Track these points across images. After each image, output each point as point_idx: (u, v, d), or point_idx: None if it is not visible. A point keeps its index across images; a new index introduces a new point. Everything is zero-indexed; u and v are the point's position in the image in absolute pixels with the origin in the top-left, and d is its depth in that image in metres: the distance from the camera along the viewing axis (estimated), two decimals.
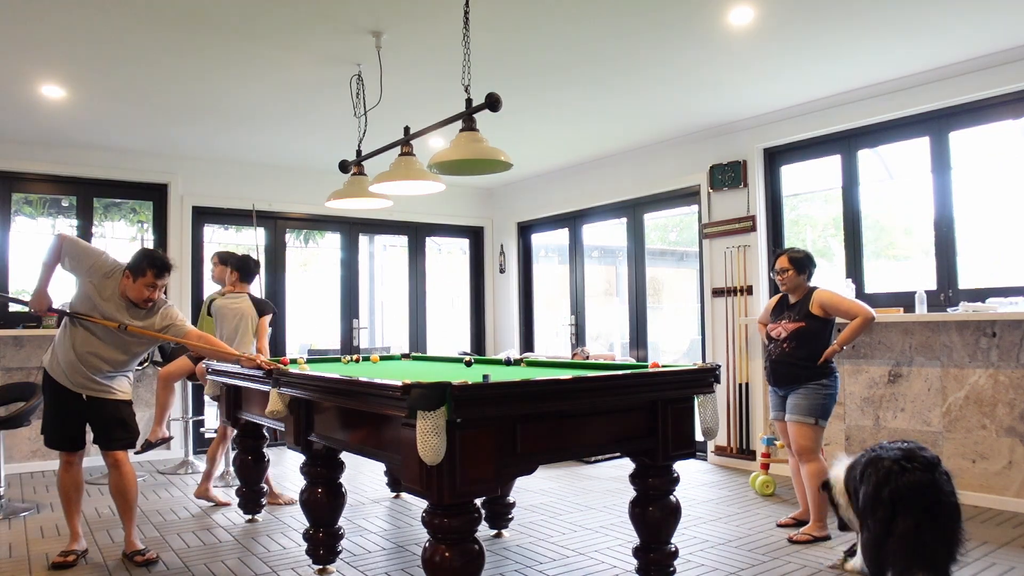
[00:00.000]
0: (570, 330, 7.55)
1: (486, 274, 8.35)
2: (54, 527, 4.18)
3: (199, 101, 5.05)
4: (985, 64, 4.39)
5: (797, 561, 3.44)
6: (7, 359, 5.80)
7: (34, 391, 4.69)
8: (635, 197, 6.68)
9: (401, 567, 3.47)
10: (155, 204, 6.60)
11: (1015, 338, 4.25)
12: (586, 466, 5.83)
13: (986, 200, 4.70)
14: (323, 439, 3.14)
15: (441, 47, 4.10)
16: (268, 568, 3.45)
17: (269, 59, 4.27)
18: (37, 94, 4.80)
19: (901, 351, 4.73)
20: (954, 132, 4.71)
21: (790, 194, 5.73)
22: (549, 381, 2.57)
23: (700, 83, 4.83)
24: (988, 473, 4.34)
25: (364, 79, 4.35)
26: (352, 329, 7.50)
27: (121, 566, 3.50)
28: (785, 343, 3.90)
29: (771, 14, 3.77)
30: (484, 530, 3.92)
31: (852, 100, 5.02)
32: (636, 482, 3.00)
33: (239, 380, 3.83)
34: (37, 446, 5.83)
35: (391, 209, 5.19)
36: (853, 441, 4.95)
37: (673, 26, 3.92)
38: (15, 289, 6.16)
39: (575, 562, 3.49)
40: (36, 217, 6.55)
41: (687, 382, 2.96)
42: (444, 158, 3.23)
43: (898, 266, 5.30)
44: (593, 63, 4.45)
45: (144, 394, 6.32)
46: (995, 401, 4.32)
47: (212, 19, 3.74)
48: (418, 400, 2.17)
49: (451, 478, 2.26)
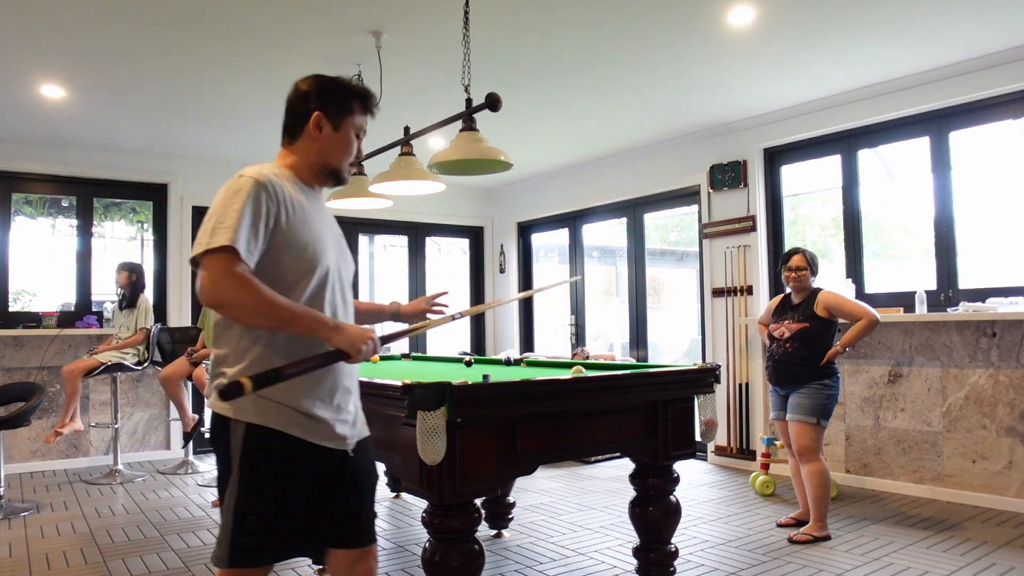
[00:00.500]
0: (570, 330, 7.55)
1: (486, 274, 8.35)
2: (54, 527, 4.18)
3: (199, 101, 5.05)
4: (985, 64, 4.39)
5: (797, 561, 3.44)
6: (7, 359, 5.80)
7: (34, 391, 4.70)
8: (635, 197, 6.68)
9: (401, 567, 3.46)
10: (155, 204, 6.60)
11: (1015, 338, 4.25)
12: (586, 466, 5.83)
13: (986, 200, 4.69)
14: None
15: (441, 47, 4.10)
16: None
17: (269, 59, 4.27)
18: (37, 94, 4.80)
19: (901, 351, 4.72)
20: (954, 132, 4.71)
21: (790, 194, 5.72)
22: (549, 381, 2.57)
23: (700, 83, 4.83)
24: (988, 473, 4.34)
25: (364, 79, 4.35)
26: None
27: (121, 566, 3.50)
28: (788, 343, 3.90)
29: (771, 14, 3.77)
30: (484, 530, 3.92)
31: (852, 100, 5.02)
32: (636, 482, 3.00)
33: None
34: (37, 446, 5.83)
35: (391, 209, 5.19)
36: (853, 441, 4.95)
37: (673, 26, 3.92)
38: (15, 289, 6.16)
39: (575, 562, 3.49)
40: (36, 217, 6.55)
41: (687, 382, 2.96)
42: (444, 158, 3.23)
43: (898, 266, 5.30)
44: (593, 63, 4.45)
45: (144, 394, 6.33)
46: (995, 401, 4.32)
47: (212, 19, 3.74)
48: (418, 400, 2.17)
49: (451, 478, 2.26)
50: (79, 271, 6.30)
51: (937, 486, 4.55)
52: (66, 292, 6.31)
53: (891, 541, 3.70)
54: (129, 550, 3.74)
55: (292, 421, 1.78)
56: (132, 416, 6.25)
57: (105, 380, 5.96)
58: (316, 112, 2.00)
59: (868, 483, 4.86)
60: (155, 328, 5.72)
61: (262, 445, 1.76)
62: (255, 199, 1.74)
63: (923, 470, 4.62)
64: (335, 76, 2.10)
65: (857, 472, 4.93)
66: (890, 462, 4.77)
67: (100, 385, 6.09)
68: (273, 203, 1.77)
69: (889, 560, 3.41)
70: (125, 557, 3.62)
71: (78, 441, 6.02)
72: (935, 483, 4.56)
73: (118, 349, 5.47)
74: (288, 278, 1.79)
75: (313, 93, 2.04)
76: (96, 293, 6.35)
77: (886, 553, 3.52)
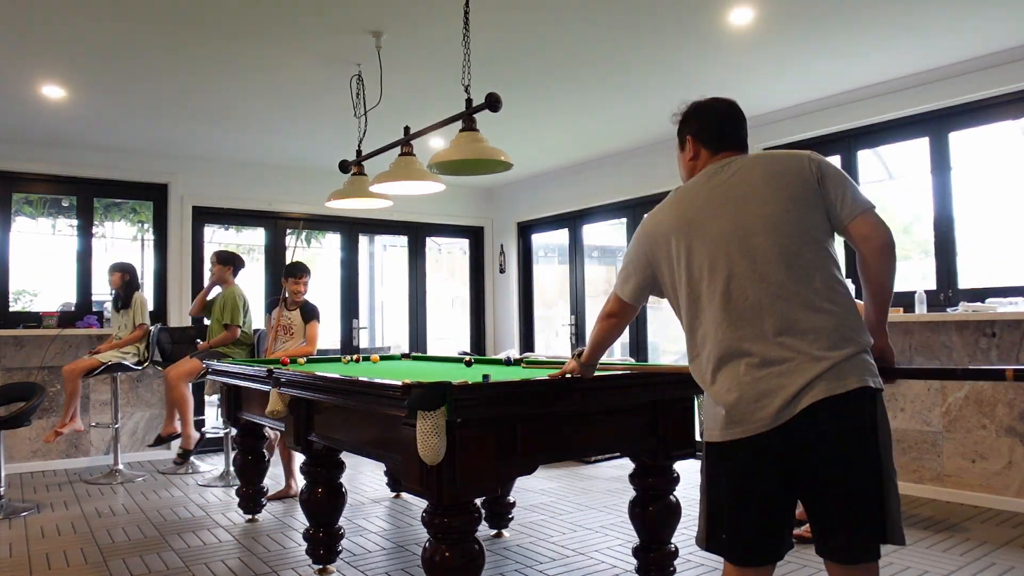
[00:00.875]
0: (570, 330, 7.55)
1: (486, 274, 8.35)
2: (54, 527, 4.18)
3: (199, 101, 5.05)
4: (985, 64, 4.39)
5: (797, 561, 3.44)
6: (7, 359, 5.80)
7: (34, 391, 4.70)
8: (635, 197, 6.68)
9: (401, 567, 3.47)
10: (155, 204, 6.60)
11: (1015, 338, 4.25)
12: (586, 466, 5.83)
13: (986, 200, 4.70)
14: (323, 439, 3.14)
15: (441, 47, 4.10)
16: (268, 568, 3.45)
17: (269, 59, 4.27)
18: (37, 94, 4.80)
19: (901, 351, 4.72)
20: (954, 132, 4.71)
21: None
22: (549, 381, 2.57)
23: (700, 83, 4.83)
24: (988, 473, 4.34)
25: (364, 79, 4.35)
26: (352, 329, 7.50)
27: (121, 566, 3.50)
28: None
29: (771, 14, 3.77)
30: (484, 530, 3.92)
31: (852, 100, 5.02)
32: (636, 482, 3.00)
33: (239, 380, 3.83)
34: (37, 446, 5.83)
35: (391, 209, 5.19)
36: None
37: (673, 26, 3.92)
38: (15, 289, 6.16)
39: (575, 562, 3.49)
40: (36, 217, 6.56)
41: (687, 382, 2.95)
42: (444, 158, 3.23)
43: (898, 266, 5.29)
44: (593, 63, 4.45)
45: (144, 394, 6.33)
46: (995, 401, 4.32)
47: (212, 19, 3.74)
48: (418, 400, 2.16)
49: (451, 478, 2.26)
50: (79, 271, 6.30)
51: (937, 486, 4.55)
52: (66, 292, 6.31)
53: None
54: (129, 550, 3.74)
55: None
56: (132, 416, 6.25)
57: (105, 380, 5.97)
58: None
59: None
60: (155, 328, 5.72)
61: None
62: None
63: (923, 470, 4.62)
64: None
65: None
66: None
67: (100, 385, 6.09)
68: None
69: (889, 560, 3.41)
70: (125, 557, 3.62)
71: (78, 441, 6.02)
72: (935, 483, 4.56)
73: (119, 348, 5.46)
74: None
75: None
76: (96, 293, 6.36)
77: (886, 553, 3.49)
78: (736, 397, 1.80)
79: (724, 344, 1.84)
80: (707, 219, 1.94)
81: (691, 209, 1.99)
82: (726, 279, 1.85)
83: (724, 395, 1.83)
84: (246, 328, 5.42)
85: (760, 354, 1.79)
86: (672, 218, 2.03)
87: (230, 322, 5.28)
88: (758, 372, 1.79)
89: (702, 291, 1.91)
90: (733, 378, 1.82)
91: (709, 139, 2.12)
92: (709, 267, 1.89)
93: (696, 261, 1.92)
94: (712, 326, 1.88)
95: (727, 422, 1.83)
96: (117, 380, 5.71)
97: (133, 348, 5.53)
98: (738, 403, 1.80)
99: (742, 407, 1.79)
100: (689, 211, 1.99)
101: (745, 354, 1.81)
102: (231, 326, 5.28)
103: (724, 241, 1.88)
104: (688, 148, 2.18)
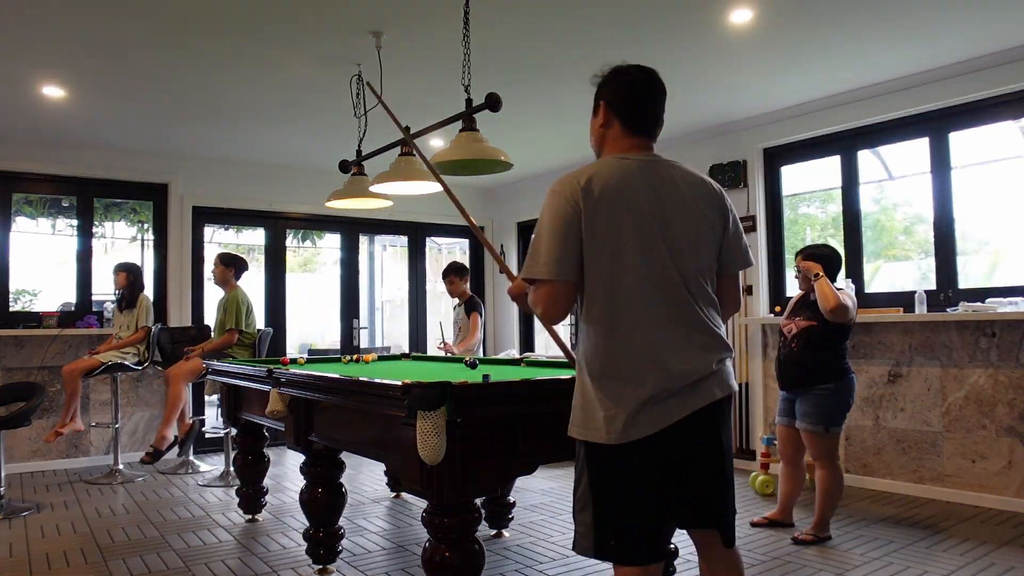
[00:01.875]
0: (570, 330, 7.55)
1: (486, 274, 8.35)
2: (54, 527, 4.18)
3: (199, 101, 5.05)
4: (985, 64, 4.39)
5: (797, 561, 3.44)
6: (7, 359, 5.80)
7: (34, 391, 4.70)
8: None
9: (401, 567, 3.47)
10: (155, 204, 6.60)
11: (1015, 338, 4.25)
12: None
13: (986, 200, 4.70)
14: (323, 439, 3.14)
15: (441, 47, 4.10)
16: (268, 568, 3.45)
17: (269, 59, 4.27)
18: (37, 94, 4.80)
19: (901, 351, 4.73)
20: (954, 132, 4.71)
21: (790, 194, 5.72)
22: (549, 381, 2.57)
23: (700, 83, 4.83)
24: (988, 473, 4.34)
25: (364, 79, 4.35)
26: (352, 329, 7.50)
27: (121, 566, 3.50)
28: (793, 342, 3.80)
29: (771, 14, 3.77)
30: (484, 530, 3.92)
31: (852, 100, 5.02)
32: None
33: (239, 380, 3.83)
34: (37, 446, 5.83)
35: (391, 209, 5.18)
36: (853, 441, 4.95)
37: (673, 26, 3.92)
38: (15, 289, 6.16)
39: (575, 562, 3.49)
40: (36, 217, 6.56)
41: None
42: (444, 158, 3.23)
43: (898, 266, 5.30)
44: (593, 63, 4.43)
45: (144, 394, 6.33)
46: (995, 401, 4.32)
47: (212, 19, 3.74)
48: (418, 400, 2.17)
49: (451, 478, 2.26)
50: (79, 271, 6.30)
51: (937, 486, 4.55)
52: (66, 292, 6.31)
53: (891, 541, 3.70)
54: (129, 550, 3.74)
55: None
56: (132, 416, 6.25)
57: (105, 380, 5.97)
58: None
59: (868, 483, 4.86)
60: (155, 328, 5.73)
61: None
62: None
63: (923, 470, 4.62)
64: None
65: (857, 472, 4.93)
66: (890, 462, 4.78)
67: (100, 385, 6.09)
68: None
69: (889, 560, 3.41)
70: (125, 557, 3.62)
71: (78, 441, 6.02)
72: (935, 483, 4.56)
73: (119, 348, 5.47)
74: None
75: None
76: (96, 293, 6.36)
77: (886, 553, 3.52)
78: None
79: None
80: (649, 222, 1.92)
81: (633, 199, 1.94)
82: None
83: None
84: (249, 329, 5.44)
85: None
86: (617, 201, 1.96)
87: (232, 326, 5.32)
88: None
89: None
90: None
91: (624, 112, 2.10)
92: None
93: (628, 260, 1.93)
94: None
95: (624, 427, 1.92)
96: (117, 380, 5.72)
97: (133, 348, 5.54)
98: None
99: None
100: (632, 201, 1.94)
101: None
102: (231, 330, 5.32)
103: (659, 251, 1.91)
104: (600, 114, 2.16)
